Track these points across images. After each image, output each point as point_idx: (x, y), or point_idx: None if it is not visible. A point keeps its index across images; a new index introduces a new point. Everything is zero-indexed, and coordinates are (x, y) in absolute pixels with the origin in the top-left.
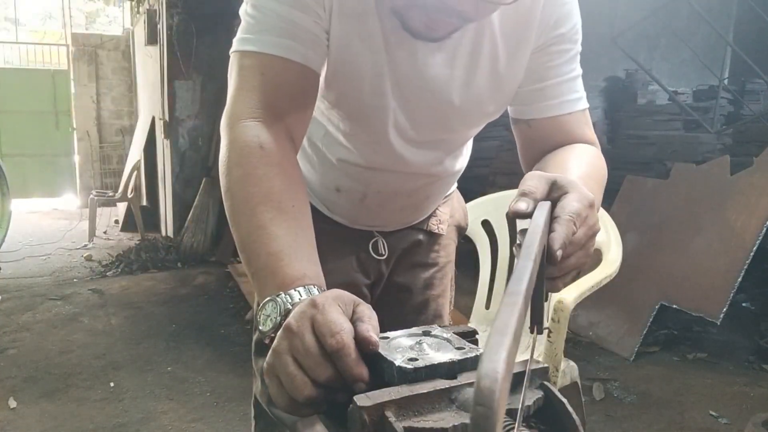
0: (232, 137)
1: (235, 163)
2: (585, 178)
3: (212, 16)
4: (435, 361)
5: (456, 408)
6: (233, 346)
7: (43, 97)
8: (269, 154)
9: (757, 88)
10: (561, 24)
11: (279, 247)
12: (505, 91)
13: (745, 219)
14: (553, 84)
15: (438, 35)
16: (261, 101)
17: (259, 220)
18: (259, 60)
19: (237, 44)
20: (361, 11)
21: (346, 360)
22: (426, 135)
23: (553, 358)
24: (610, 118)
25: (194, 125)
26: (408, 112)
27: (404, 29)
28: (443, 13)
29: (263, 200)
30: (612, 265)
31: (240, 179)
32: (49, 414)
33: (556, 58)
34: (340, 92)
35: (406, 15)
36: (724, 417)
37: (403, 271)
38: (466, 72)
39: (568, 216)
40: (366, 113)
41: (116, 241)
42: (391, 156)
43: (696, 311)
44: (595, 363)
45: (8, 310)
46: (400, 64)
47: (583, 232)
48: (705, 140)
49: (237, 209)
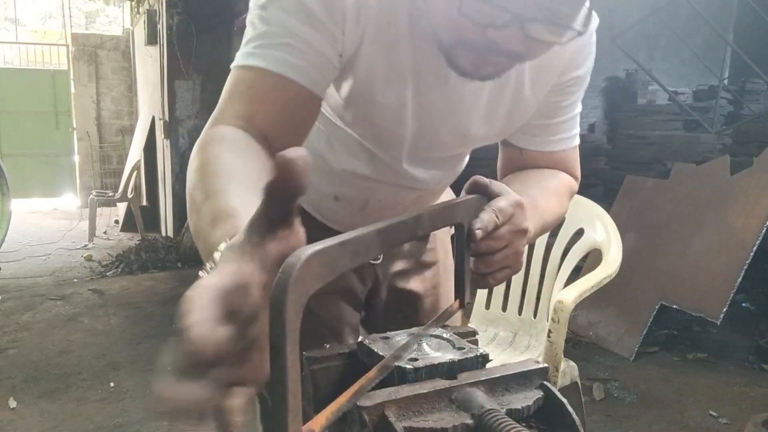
0: (202, 139)
1: (196, 153)
2: (538, 199)
3: (212, 16)
4: (435, 361)
5: (456, 408)
6: None
7: (43, 97)
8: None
9: (757, 88)
10: (581, 65)
11: (216, 213)
12: (518, 120)
13: (745, 219)
14: (558, 122)
15: (486, 74)
16: (244, 111)
17: (204, 194)
18: (255, 73)
19: (238, 59)
20: (393, 40)
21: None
22: (437, 156)
23: (553, 358)
24: (610, 118)
25: (194, 125)
26: (425, 139)
27: (449, 66)
28: (494, 53)
29: (213, 175)
30: (612, 265)
31: (192, 168)
32: (48, 414)
33: (568, 98)
34: (357, 115)
35: (454, 53)
36: (724, 417)
37: (406, 276)
38: (490, 101)
39: (492, 209)
40: (382, 137)
41: (116, 241)
42: (399, 172)
43: (696, 311)
44: (595, 363)
45: (8, 310)
46: (429, 93)
47: (507, 228)
48: (705, 140)
49: (190, 197)
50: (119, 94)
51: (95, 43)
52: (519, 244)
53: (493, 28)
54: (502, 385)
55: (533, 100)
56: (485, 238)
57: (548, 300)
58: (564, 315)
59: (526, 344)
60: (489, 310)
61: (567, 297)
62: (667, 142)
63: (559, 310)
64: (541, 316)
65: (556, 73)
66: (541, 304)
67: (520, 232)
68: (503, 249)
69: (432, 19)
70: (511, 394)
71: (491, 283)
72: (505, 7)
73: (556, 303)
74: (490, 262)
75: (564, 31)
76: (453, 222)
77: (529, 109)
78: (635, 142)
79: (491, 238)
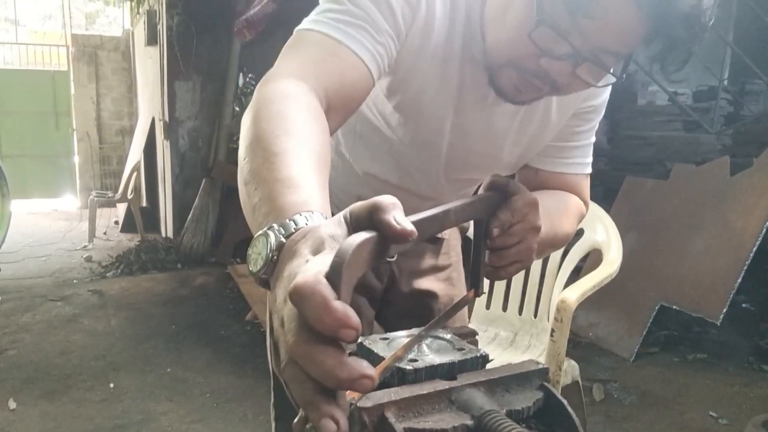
0: (262, 91)
1: (260, 107)
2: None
3: (212, 16)
4: (435, 362)
5: (456, 409)
6: (233, 347)
7: (43, 97)
8: (301, 101)
9: (757, 88)
10: (599, 95)
11: (291, 173)
12: (540, 144)
13: (745, 219)
14: (573, 146)
15: (522, 99)
16: (309, 71)
17: (279, 147)
18: (327, 40)
19: (310, 23)
20: (448, 56)
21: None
22: (468, 177)
23: (555, 357)
24: (610, 119)
25: (194, 126)
26: (459, 155)
27: (490, 85)
28: (539, 79)
29: (287, 132)
30: (612, 264)
31: (264, 117)
32: (48, 415)
33: (584, 125)
34: (401, 121)
35: (499, 72)
36: (724, 417)
37: (421, 276)
38: (521, 124)
39: (508, 208)
40: (420, 145)
41: (116, 242)
42: (425, 182)
43: (696, 312)
44: (595, 364)
45: (8, 310)
46: (468, 111)
47: (521, 226)
48: (705, 141)
49: (255, 141)
50: (119, 95)
51: (95, 44)
52: (532, 240)
53: (549, 58)
54: (502, 386)
55: (557, 124)
56: (501, 235)
57: (549, 300)
58: (567, 314)
59: (527, 344)
60: (489, 310)
61: (570, 296)
62: (667, 143)
63: (562, 309)
64: (542, 315)
65: (580, 99)
66: (541, 303)
67: (533, 230)
68: (517, 244)
69: (488, 38)
70: (511, 395)
71: (503, 275)
72: (572, 42)
73: (559, 302)
74: (504, 256)
75: (603, 76)
76: (474, 217)
77: (551, 132)
78: (635, 143)
79: (506, 234)
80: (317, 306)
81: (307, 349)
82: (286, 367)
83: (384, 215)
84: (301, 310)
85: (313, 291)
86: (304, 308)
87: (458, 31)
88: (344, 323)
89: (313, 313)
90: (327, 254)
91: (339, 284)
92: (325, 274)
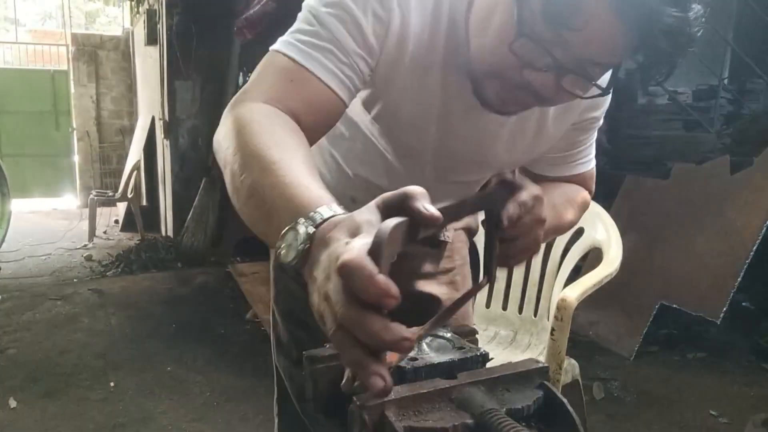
0: (237, 113)
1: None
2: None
3: (212, 16)
4: (435, 360)
5: (456, 408)
6: (233, 346)
7: (42, 97)
8: (277, 120)
9: (757, 87)
10: (599, 107)
11: (296, 176)
12: (538, 151)
13: (745, 219)
14: (575, 152)
15: (507, 110)
16: (277, 96)
17: (275, 157)
18: (294, 66)
19: (282, 45)
20: (428, 65)
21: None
22: (461, 180)
23: (556, 355)
24: (610, 118)
25: (194, 125)
26: (446, 159)
27: (475, 94)
28: (523, 90)
29: (276, 144)
30: (612, 263)
31: (249, 133)
32: (49, 414)
33: (585, 133)
34: (383, 131)
35: (484, 83)
36: (724, 417)
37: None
38: (513, 132)
39: (516, 201)
40: (404, 152)
41: (116, 241)
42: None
43: (696, 311)
44: (595, 362)
45: (8, 309)
46: (453, 117)
47: (528, 218)
48: (705, 140)
49: (248, 157)
50: (119, 94)
51: (95, 43)
52: (538, 231)
53: (531, 69)
54: (502, 385)
55: (554, 135)
56: (509, 227)
57: (549, 299)
58: (567, 313)
59: (527, 343)
60: (489, 309)
61: (570, 295)
62: (667, 142)
63: (563, 308)
64: (542, 314)
65: (577, 112)
66: (541, 302)
67: (539, 222)
68: (524, 236)
69: (472, 47)
70: (511, 394)
71: (512, 263)
72: (553, 54)
73: (560, 301)
74: (513, 246)
75: (590, 88)
76: (486, 208)
77: (549, 142)
78: (635, 142)
79: (514, 226)
80: (363, 278)
81: (356, 316)
82: (335, 334)
83: (414, 203)
84: (349, 282)
85: (360, 265)
86: (352, 281)
87: (440, 39)
88: (387, 293)
89: (360, 285)
90: (365, 236)
91: (380, 260)
92: (367, 251)
